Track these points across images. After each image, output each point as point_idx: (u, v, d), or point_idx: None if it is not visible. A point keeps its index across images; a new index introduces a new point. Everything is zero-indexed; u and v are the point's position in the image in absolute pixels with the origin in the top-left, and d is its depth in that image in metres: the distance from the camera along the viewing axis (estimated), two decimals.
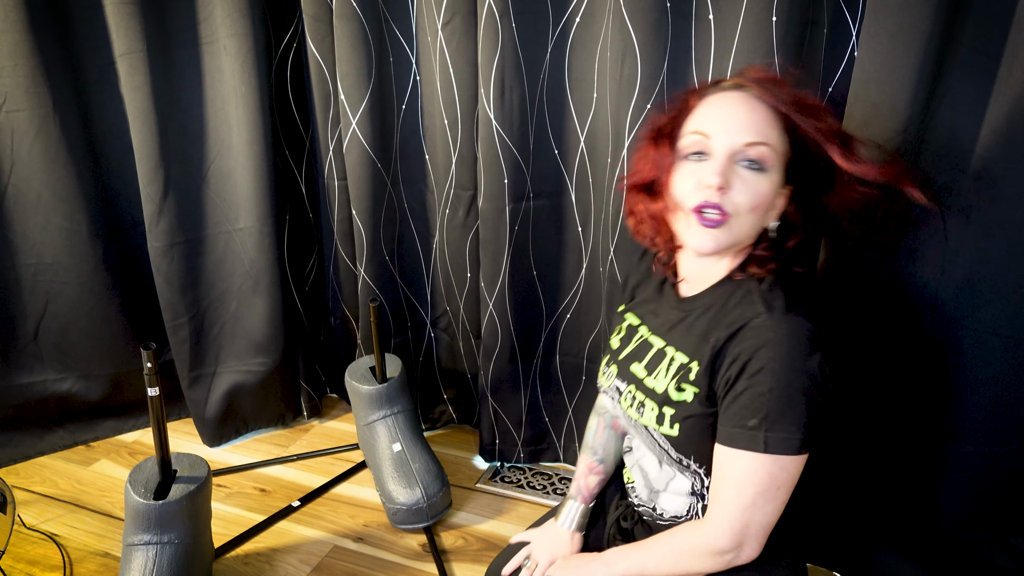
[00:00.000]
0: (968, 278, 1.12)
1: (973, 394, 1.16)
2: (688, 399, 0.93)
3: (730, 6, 1.24)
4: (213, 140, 1.82)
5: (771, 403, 0.84)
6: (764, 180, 0.89)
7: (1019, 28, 0.99)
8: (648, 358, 1.02)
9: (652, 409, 0.97)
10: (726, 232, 0.90)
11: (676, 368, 0.96)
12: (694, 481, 1.00)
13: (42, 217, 1.82)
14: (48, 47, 1.70)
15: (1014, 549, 1.23)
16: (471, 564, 1.61)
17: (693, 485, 1.00)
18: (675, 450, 0.97)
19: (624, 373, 1.06)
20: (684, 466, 0.98)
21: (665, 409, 0.96)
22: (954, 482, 1.24)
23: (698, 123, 0.92)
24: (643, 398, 1.00)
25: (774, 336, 0.84)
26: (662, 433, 0.97)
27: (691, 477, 0.99)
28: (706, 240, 0.90)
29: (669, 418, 0.95)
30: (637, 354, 1.05)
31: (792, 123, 0.90)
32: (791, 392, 0.84)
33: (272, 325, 1.96)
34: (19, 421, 1.97)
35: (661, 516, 1.06)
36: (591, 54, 1.47)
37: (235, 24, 1.68)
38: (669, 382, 0.96)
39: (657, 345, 1.02)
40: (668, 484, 1.03)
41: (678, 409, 0.94)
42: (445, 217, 1.78)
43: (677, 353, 0.97)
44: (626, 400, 1.03)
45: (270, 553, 1.65)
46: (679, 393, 0.94)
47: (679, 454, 0.97)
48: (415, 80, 1.73)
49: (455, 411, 2.10)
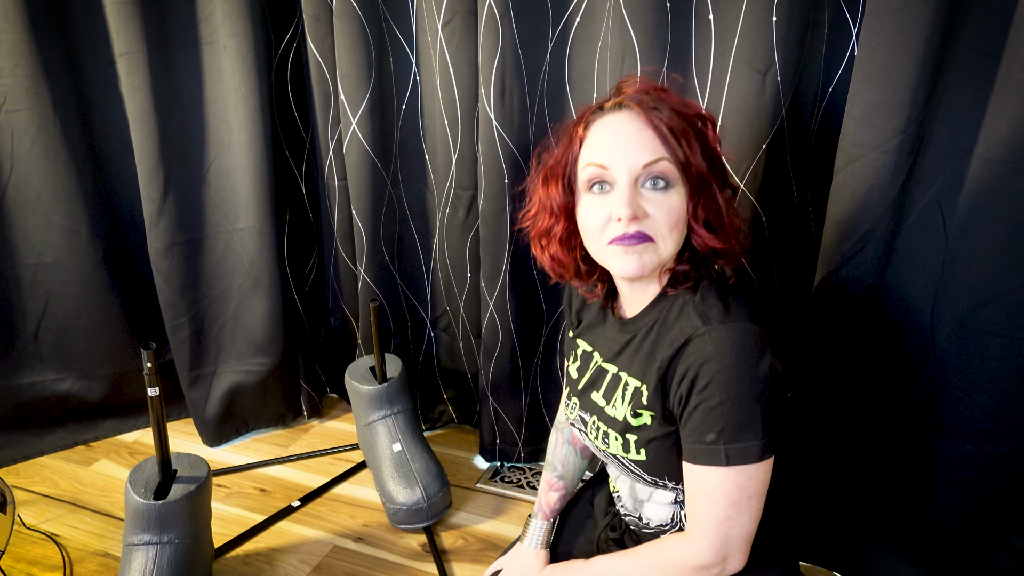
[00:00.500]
0: (968, 278, 1.12)
1: (973, 394, 1.16)
2: (647, 422, 0.93)
3: (730, 6, 1.24)
4: (213, 140, 1.82)
5: (725, 415, 0.83)
6: (673, 195, 0.86)
7: (1019, 28, 1.00)
8: (604, 386, 1.01)
9: (616, 438, 0.97)
10: (651, 253, 0.87)
11: (631, 394, 0.94)
12: (676, 494, 1.00)
13: (42, 217, 1.82)
14: (48, 47, 1.70)
15: (1014, 549, 1.23)
16: (471, 564, 1.61)
17: (676, 496, 1.00)
18: (647, 473, 0.96)
19: (586, 404, 1.05)
20: (660, 485, 0.98)
21: (628, 436, 0.95)
22: (954, 482, 1.24)
23: (592, 154, 0.89)
24: (606, 428, 0.99)
25: (715, 348, 0.83)
26: (631, 459, 0.96)
27: (670, 491, 1.00)
28: (630, 264, 0.87)
29: (634, 444, 0.95)
30: (594, 383, 1.03)
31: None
32: (742, 400, 0.82)
33: (272, 325, 1.96)
34: (19, 421, 1.97)
35: (647, 525, 1.06)
36: (591, 54, 1.47)
37: (235, 24, 1.68)
38: (626, 409, 0.95)
39: (611, 371, 1.00)
40: (651, 495, 1.03)
41: (640, 434, 0.94)
42: (445, 217, 1.78)
43: (629, 378, 0.95)
44: (592, 431, 1.03)
45: (270, 553, 1.65)
46: (637, 419, 0.94)
47: (652, 476, 0.97)
48: (415, 80, 1.73)
49: (455, 411, 2.10)
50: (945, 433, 1.21)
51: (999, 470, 1.18)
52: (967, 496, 1.24)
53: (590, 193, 0.90)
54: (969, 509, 1.25)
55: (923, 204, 1.15)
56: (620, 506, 1.12)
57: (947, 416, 1.20)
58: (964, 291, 1.13)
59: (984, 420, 1.16)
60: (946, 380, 1.18)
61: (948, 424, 1.20)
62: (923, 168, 1.13)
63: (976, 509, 1.24)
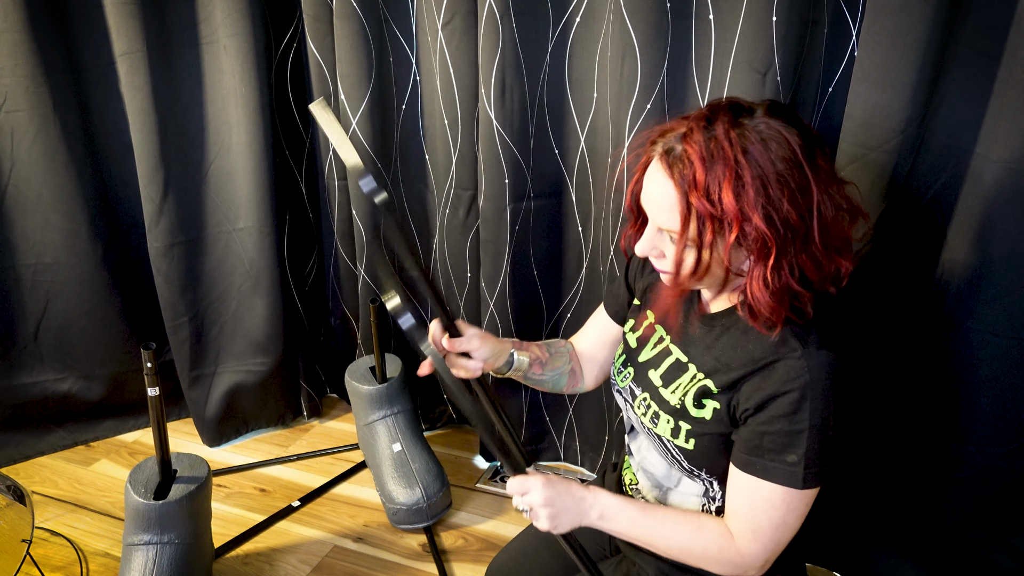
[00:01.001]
0: (968, 278, 1.12)
1: (973, 395, 1.16)
2: (707, 416, 0.92)
3: (730, 6, 1.24)
4: (213, 140, 1.82)
5: (810, 441, 0.84)
6: (686, 250, 0.86)
7: (1019, 28, 0.99)
8: (665, 367, 1.00)
9: (667, 421, 0.96)
10: (680, 281, 0.88)
11: (697, 385, 0.94)
12: (707, 488, 0.99)
13: (42, 217, 1.82)
14: (48, 47, 1.70)
15: (1014, 549, 1.23)
16: (471, 564, 1.61)
17: (706, 491, 1.00)
18: (687, 462, 0.96)
19: (641, 379, 1.04)
20: (695, 476, 0.98)
21: (681, 423, 0.95)
22: (954, 482, 1.24)
23: (643, 187, 0.90)
24: (657, 409, 0.99)
25: (811, 376, 0.83)
26: (676, 445, 0.96)
27: (703, 484, 0.99)
28: (668, 281, 0.90)
29: (685, 432, 0.94)
30: (655, 361, 1.03)
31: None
32: (826, 429, 0.84)
33: (272, 325, 1.96)
34: (19, 421, 1.97)
35: None
36: (591, 54, 1.47)
37: (235, 24, 1.68)
38: (687, 397, 0.95)
39: (677, 356, 0.99)
40: (679, 482, 1.02)
41: (695, 425, 0.93)
42: (445, 217, 1.78)
43: (698, 372, 0.95)
44: (640, 407, 1.02)
45: (270, 553, 1.65)
46: (698, 410, 0.93)
47: (691, 466, 0.96)
48: (415, 80, 1.73)
49: (455, 411, 2.10)
50: (945, 434, 1.21)
51: (999, 470, 1.18)
52: (967, 496, 1.24)
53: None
54: (969, 509, 1.25)
55: (923, 204, 1.15)
56: (640, 498, 1.11)
57: (947, 417, 1.20)
58: (964, 291, 1.13)
59: (984, 420, 1.16)
60: (946, 381, 1.18)
61: (948, 425, 1.20)
62: (923, 168, 1.13)
63: (976, 509, 1.24)
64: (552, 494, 0.90)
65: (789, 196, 0.79)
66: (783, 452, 0.85)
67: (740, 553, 0.90)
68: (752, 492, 0.89)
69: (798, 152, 0.80)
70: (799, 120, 0.84)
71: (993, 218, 1.08)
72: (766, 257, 0.81)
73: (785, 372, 0.85)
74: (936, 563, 1.32)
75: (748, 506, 0.90)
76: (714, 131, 0.81)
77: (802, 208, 0.80)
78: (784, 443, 0.85)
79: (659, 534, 0.93)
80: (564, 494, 0.92)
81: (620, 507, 0.94)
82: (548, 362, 1.16)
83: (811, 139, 0.82)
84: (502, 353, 1.09)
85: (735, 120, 0.81)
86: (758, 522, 0.89)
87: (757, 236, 0.80)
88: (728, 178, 0.79)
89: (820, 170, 0.82)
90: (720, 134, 0.81)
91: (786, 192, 0.79)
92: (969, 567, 1.28)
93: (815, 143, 0.83)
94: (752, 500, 0.89)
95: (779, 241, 0.80)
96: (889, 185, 1.14)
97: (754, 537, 0.90)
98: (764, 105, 0.84)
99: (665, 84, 1.34)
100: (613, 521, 0.93)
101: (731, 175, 0.79)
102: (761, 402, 0.86)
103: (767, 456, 0.87)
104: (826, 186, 0.82)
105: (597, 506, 0.93)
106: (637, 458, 1.10)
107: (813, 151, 0.82)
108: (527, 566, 1.22)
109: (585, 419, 1.84)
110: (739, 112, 0.83)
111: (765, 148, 0.80)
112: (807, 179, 0.80)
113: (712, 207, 0.80)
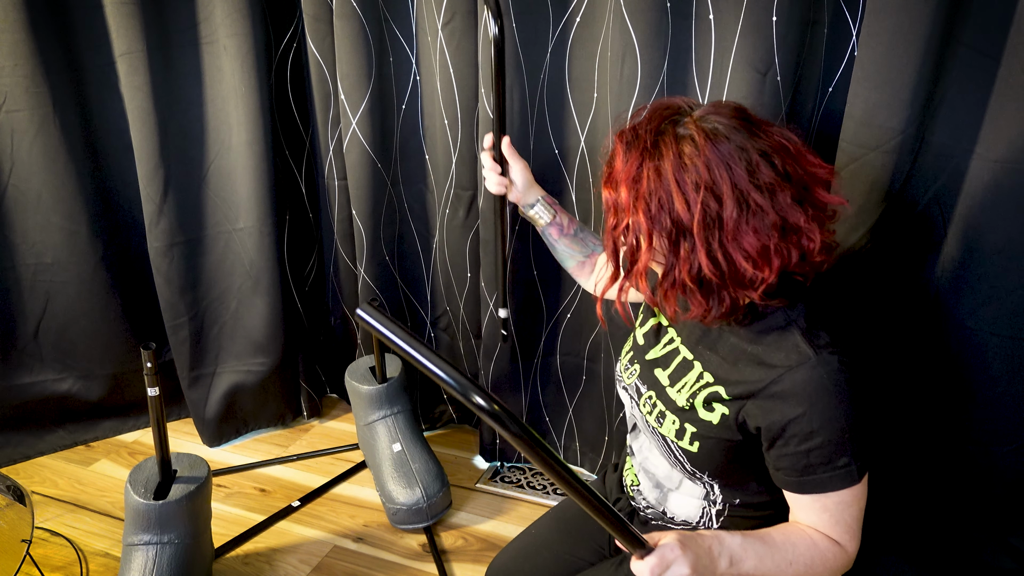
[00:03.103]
0: (967, 278, 1.12)
1: (973, 394, 1.16)
2: (715, 421, 0.92)
3: (730, 6, 1.24)
4: (213, 140, 1.82)
5: (851, 437, 0.85)
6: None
7: (1019, 28, 0.99)
8: (673, 367, 1.00)
9: (673, 422, 0.96)
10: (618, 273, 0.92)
11: (705, 387, 0.94)
12: (708, 490, 0.99)
13: (42, 217, 1.82)
14: (48, 47, 1.70)
15: (1014, 549, 1.23)
16: (471, 564, 1.61)
17: (707, 495, 1.00)
18: (690, 463, 0.96)
19: (647, 376, 1.04)
20: (696, 478, 0.97)
21: (687, 425, 0.94)
22: (954, 482, 1.23)
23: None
24: (663, 408, 0.98)
25: (830, 384, 0.84)
26: (680, 447, 0.96)
27: (704, 487, 0.99)
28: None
29: (690, 434, 0.94)
30: (663, 360, 1.02)
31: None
32: (859, 421, 0.86)
33: (272, 325, 1.96)
34: (19, 421, 1.97)
35: (672, 520, 1.05)
36: (591, 54, 1.47)
37: (235, 24, 1.68)
38: (695, 399, 0.94)
39: (685, 356, 0.99)
40: (680, 484, 1.02)
41: (701, 428, 0.93)
42: (445, 217, 1.78)
43: (706, 372, 0.95)
44: (646, 405, 1.02)
45: (270, 553, 1.65)
46: (707, 413, 0.93)
47: (694, 468, 0.96)
48: (415, 80, 1.73)
49: (455, 411, 2.10)
50: (945, 433, 1.21)
51: (999, 470, 1.18)
52: (967, 496, 1.23)
53: None
54: (969, 509, 1.24)
55: (923, 204, 1.14)
56: (641, 499, 1.11)
57: (947, 416, 1.20)
58: (964, 291, 1.13)
59: (984, 420, 1.16)
60: (946, 381, 1.18)
61: (947, 424, 1.20)
62: (923, 168, 1.13)
63: (976, 509, 1.24)
64: (694, 558, 0.82)
65: (734, 180, 0.80)
66: (832, 460, 0.86)
67: (847, 553, 0.92)
68: (823, 506, 0.90)
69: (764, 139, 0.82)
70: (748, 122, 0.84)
71: (993, 218, 1.07)
72: (680, 245, 0.83)
73: (804, 384, 0.84)
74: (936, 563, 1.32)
75: (828, 516, 0.90)
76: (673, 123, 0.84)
77: (739, 195, 0.80)
78: (831, 452, 0.86)
79: (787, 561, 0.89)
80: (702, 555, 0.84)
81: (743, 545, 0.88)
82: (569, 236, 1.24)
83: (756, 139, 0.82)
84: (533, 193, 1.22)
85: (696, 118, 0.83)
86: (847, 523, 0.90)
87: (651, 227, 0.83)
88: (648, 168, 0.82)
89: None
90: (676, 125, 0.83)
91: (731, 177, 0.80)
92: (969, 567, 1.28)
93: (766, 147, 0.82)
94: (829, 511, 0.90)
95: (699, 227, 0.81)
96: (889, 185, 1.14)
97: (852, 536, 0.91)
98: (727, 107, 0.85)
99: (665, 84, 1.34)
100: (742, 563, 0.87)
101: (652, 165, 0.82)
102: (790, 419, 0.85)
103: (820, 471, 0.87)
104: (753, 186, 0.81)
105: (725, 554, 0.86)
106: (639, 458, 1.10)
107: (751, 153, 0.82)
108: (527, 566, 1.22)
109: (585, 419, 1.84)
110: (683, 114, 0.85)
111: (719, 134, 0.81)
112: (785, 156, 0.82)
113: (612, 198, 0.87)
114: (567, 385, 1.83)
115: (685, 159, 0.81)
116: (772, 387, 0.86)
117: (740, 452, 0.92)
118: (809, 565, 0.89)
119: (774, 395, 0.86)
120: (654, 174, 0.82)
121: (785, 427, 0.86)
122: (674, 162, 0.81)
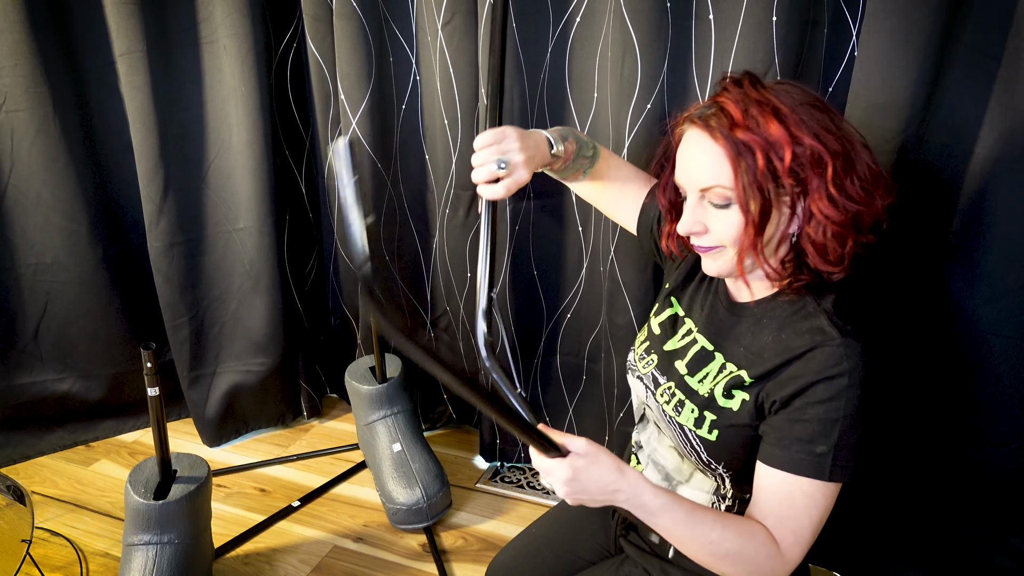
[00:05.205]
0: (968, 278, 1.12)
1: (973, 394, 1.16)
2: (735, 408, 0.92)
3: (730, 6, 1.24)
4: (213, 140, 1.82)
5: (842, 430, 0.84)
6: (732, 214, 0.86)
7: (1019, 28, 0.99)
8: (691, 356, 1.00)
9: (692, 411, 0.96)
10: (725, 258, 0.90)
11: (726, 375, 0.94)
12: (719, 484, 0.99)
13: (42, 217, 1.82)
14: (48, 47, 1.70)
15: (1014, 549, 1.23)
16: (471, 564, 1.61)
17: (717, 489, 0.99)
18: (707, 453, 0.95)
19: (666, 367, 1.03)
20: (711, 469, 0.97)
21: (706, 413, 0.94)
22: (955, 482, 1.24)
23: (676, 166, 0.93)
24: (683, 397, 0.98)
25: (849, 365, 0.83)
26: (698, 435, 0.95)
27: (715, 479, 0.99)
28: (708, 267, 0.93)
29: (709, 423, 0.94)
30: (681, 351, 1.02)
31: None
32: (857, 420, 0.84)
33: (272, 325, 1.96)
34: (19, 421, 1.97)
35: None
36: (591, 54, 1.47)
37: (235, 24, 1.68)
38: (716, 387, 0.94)
39: (704, 345, 0.99)
40: (691, 476, 1.01)
41: (721, 416, 0.93)
42: (445, 217, 1.78)
43: (728, 362, 0.95)
44: (663, 395, 1.01)
45: (270, 553, 1.65)
46: (727, 400, 0.93)
47: (710, 458, 0.95)
48: (415, 80, 1.73)
49: (455, 411, 2.10)
50: (945, 433, 1.21)
51: (1000, 470, 1.18)
52: (968, 496, 1.24)
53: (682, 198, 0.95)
54: (970, 509, 1.24)
55: (923, 204, 1.15)
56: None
57: (947, 416, 1.20)
58: (964, 291, 1.13)
59: (985, 420, 1.16)
60: (946, 381, 1.18)
61: (948, 424, 1.20)
62: (923, 168, 1.13)
63: (977, 509, 1.24)
64: (597, 475, 0.84)
65: (825, 125, 0.84)
66: (813, 442, 0.84)
67: (783, 560, 0.87)
68: (782, 486, 0.87)
69: (821, 98, 0.86)
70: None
71: (993, 218, 1.07)
72: (823, 177, 0.83)
73: (824, 359, 0.84)
74: (936, 563, 1.32)
75: (783, 504, 0.87)
76: (741, 87, 0.87)
77: (840, 136, 0.84)
78: (816, 431, 0.84)
79: (708, 539, 0.86)
80: (607, 481, 0.84)
81: (662, 504, 0.86)
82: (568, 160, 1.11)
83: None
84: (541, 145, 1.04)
85: (756, 80, 0.88)
86: (798, 523, 0.86)
87: (812, 153, 0.82)
88: (767, 111, 0.83)
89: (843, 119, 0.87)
90: (747, 86, 0.86)
91: (821, 121, 0.84)
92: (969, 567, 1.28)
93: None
94: (782, 494, 0.87)
95: (832, 156, 0.83)
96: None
97: (796, 542, 0.86)
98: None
99: (665, 84, 1.34)
100: (652, 516, 0.86)
101: (769, 108, 0.83)
102: (799, 389, 0.85)
103: (795, 447, 0.85)
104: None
105: (626, 492, 0.85)
106: (647, 450, 1.09)
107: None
108: (527, 566, 1.22)
109: (585, 419, 1.84)
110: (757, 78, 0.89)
111: (790, 92, 0.85)
112: (836, 114, 0.86)
113: (759, 136, 0.83)
114: (567, 385, 1.83)
115: (807, 101, 0.85)
116: (794, 363, 0.87)
117: (757, 445, 0.91)
118: (734, 554, 0.85)
119: (794, 369, 0.86)
120: (796, 111, 0.84)
121: (793, 396, 0.86)
122: (790, 104, 0.84)
